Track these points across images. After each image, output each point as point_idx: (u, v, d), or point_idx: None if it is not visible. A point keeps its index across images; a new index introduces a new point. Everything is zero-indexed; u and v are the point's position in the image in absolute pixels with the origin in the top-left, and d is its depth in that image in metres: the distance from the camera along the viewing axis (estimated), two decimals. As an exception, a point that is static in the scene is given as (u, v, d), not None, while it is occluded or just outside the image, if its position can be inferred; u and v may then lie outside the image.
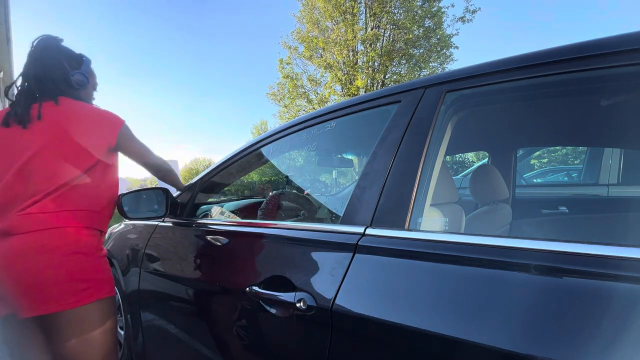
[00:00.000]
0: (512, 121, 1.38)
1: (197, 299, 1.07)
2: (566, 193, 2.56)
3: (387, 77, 10.46)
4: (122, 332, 1.54)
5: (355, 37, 9.92)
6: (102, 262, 1.09)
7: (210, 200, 1.69)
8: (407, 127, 0.79)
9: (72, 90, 1.12)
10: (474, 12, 9.69)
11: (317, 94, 10.98)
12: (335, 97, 10.73)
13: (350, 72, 10.26)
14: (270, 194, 1.65)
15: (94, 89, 1.25)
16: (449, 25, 10.08)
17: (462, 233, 0.85)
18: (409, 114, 0.81)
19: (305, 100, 11.12)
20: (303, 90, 11.11)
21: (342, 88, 10.50)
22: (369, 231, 0.73)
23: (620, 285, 0.45)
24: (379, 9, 9.76)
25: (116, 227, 1.88)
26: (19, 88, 1.07)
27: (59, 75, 1.09)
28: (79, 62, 1.16)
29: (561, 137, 1.82)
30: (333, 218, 1.56)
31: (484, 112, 1.11)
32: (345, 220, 0.80)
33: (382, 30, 10.12)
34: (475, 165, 3.80)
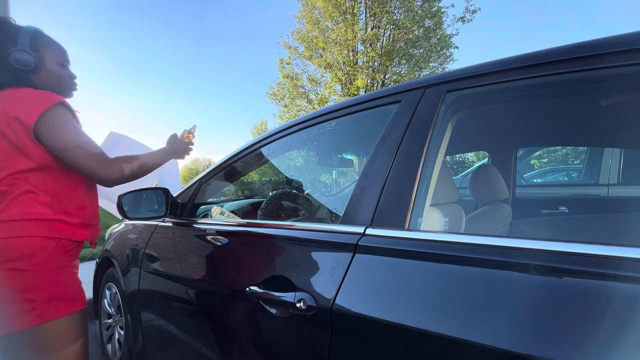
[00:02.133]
0: (512, 121, 1.38)
1: (197, 299, 1.07)
2: (566, 193, 2.56)
3: (387, 77, 10.46)
4: (122, 332, 1.55)
5: (355, 37, 9.92)
6: (53, 276, 0.90)
7: (210, 200, 1.69)
8: (407, 127, 0.79)
9: (17, 78, 0.88)
10: (474, 12, 9.69)
11: (317, 94, 10.97)
12: (335, 97, 10.72)
13: (350, 72, 10.26)
14: (270, 194, 1.65)
15: (62, 66, 0.96)
16: (449, 25, 10.09)
17: (462, 233, 0.85)
18: (409, 114, 0.81)
19: (305, 100, 11.11)
20: (303, 90, 11.11)
21: (342, 88, 10.50)
22: (369, 231, 0.73)
23: (620, 285, 0.45)
24: (379, 9, 9.76)
25: (116, 227, 1.88)
26: None
27: None
28: (15, 37, 0.87)
29: (561, 137, 1.82)
30: (333, 218, 1.56)
31: (484, 112, 1.12)
32: (345, 220, 0.80)
33: (382, 30, 10.12)
34: (475, 165, 3.80)
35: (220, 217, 1.42)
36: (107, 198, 2.58)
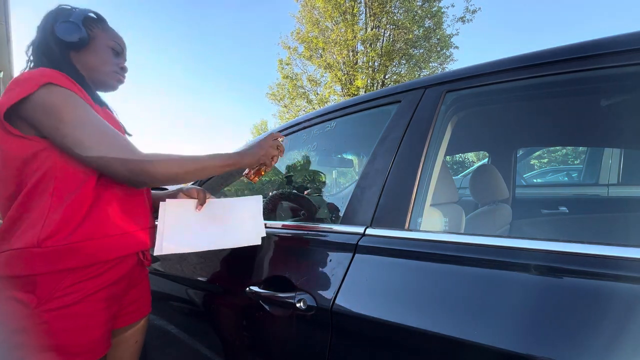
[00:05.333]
0: (512, 121, 1.38)
1: (197, 299, 1.07)
2: (566, 193, 2.56)
3: (387, 77, 10.46)
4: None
5: (355, 37, 9.91)
6: (45, 321, 0.64)
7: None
8: (407, 127, 0.79)
9: (55, 49, 0.74)
10: (474, 12, 9.68)
11: (317, 94, 10.97)
12: (335, 97, 10.72)
13: (350, 72, 10.26)
14: (270, 194, 1.65)
15: (115, 52, 0.83)
16: (449, 25, 10.08)
17: (462, 233, 0.85)
18: (409, 114, 0.81)
19: (305, 100, 11.12)
20: (303, 90, 11.11)
21: (342, 88, 10.50)
22: (369, 231, 0.73)
23: (620, 285, 0.45)
24: (379, 9, 9.75)
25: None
26: None
27: (40, 34, 0.76)
28: (68, 15, 0.76)
29: (561, 137, 1.82)
30: (333, 218, 1.56)
31: (484, 112, 1.12)
32: (345, 220, 0.80)
33: (382, 30, 10.11)
34: (475, 165, 3.80)
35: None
36: None
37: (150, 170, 0.71)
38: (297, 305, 0.71)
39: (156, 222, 0.86)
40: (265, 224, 1.07)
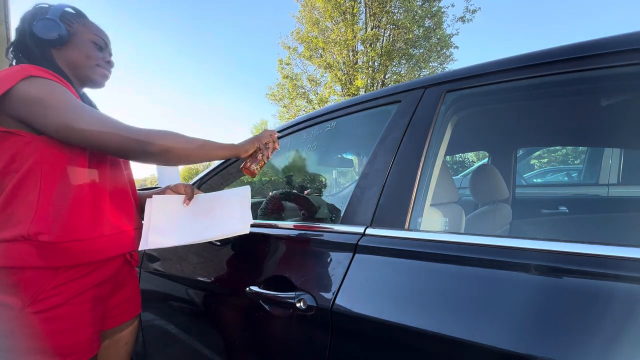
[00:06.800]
0: (512, 121, 1.38)
1: (197, 299, 1.07)
2: (566, 193, 2.56)
3: (387, 77, 10.45)
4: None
5: (355, 37, 9.91)
6: (31, 323, 0.64)
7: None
8: (407, 127, 0.79)
9: (34, 50, 0.73)
10: (474, 12, 9.69)
11: (317, 94, 10.97)
12: (335, 97, 10.72)
13: (350, 72, 10.25)
14: (270, 194, 1.65)
15: (98, 47, 0.80)
16: (449, 25, 10.08)
17: (462, 233, 0.85)
18: (409, 114, 0.81)
19: (305, 100, 11.11)
20: (303, 90, 11.11)
21: (342, 88, 10.49)
22: (369, 231, 0.73)
23: (620, 285, 0.45)
24: (378, 9, 9.75)
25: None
26: None
27: (18, 36, 0.74)
28: (45, 12, 0.74)
29: (561, 137, 1.82)
30: (333, 218, 1.56)
31: (484, 112, 1.12)
32: (345, 220, 0.80)
33: (382, 30, 10.12)
34: (475, 165, 3.80)
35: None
36: None
37: (151, 145, 0.70)
38: (297, 305, 0.71)
39: (143, 222, 0.86)
40: (265, 224, 1.07)
